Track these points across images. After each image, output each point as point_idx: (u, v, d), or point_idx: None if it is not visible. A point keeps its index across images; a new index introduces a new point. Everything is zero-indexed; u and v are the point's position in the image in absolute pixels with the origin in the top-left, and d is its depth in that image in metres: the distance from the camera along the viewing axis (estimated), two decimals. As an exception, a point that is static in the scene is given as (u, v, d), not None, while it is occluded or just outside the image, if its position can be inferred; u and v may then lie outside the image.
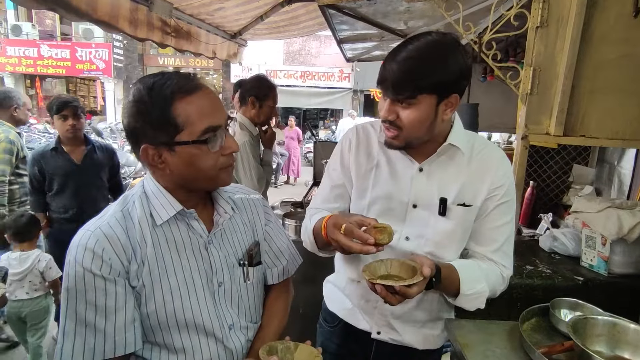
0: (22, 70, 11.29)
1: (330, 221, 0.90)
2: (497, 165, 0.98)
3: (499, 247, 0.99)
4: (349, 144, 1.08)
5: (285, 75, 12.99)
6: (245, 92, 2.12)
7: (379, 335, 1.08)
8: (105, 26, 2.27)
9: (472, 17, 1.96)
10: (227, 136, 0.81)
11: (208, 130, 0.76)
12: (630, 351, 0.77)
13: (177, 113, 0.74)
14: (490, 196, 0.97)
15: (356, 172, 1.06)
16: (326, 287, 1.23)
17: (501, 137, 5.41)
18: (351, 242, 0.83)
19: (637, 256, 1.29)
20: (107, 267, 0.73)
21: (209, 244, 0.85)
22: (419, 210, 1.00)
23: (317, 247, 1.05)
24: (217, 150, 0.78)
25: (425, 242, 1.00)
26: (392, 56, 0.88)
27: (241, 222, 0.94)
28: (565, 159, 2.95)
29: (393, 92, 0.87)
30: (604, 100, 1.59)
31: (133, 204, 0.82)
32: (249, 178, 2.04)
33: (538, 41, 1.58)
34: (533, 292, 1.29)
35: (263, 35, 4.32)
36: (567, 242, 1.49)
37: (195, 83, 0.77)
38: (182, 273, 0.80)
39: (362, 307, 1.10)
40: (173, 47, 3.08)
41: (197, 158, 0.77)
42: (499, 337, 0.87)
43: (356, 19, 2.53)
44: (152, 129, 0.75)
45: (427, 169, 0.99)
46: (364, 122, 1.12)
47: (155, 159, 0.77)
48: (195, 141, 0.75)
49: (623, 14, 1.51)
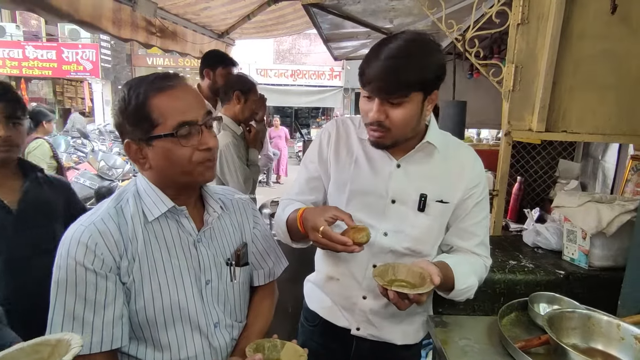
0: (7, 72, 11.08)
1: (308, 220, 0.90)
2: (472, 165, 1.03)
3: (480, 241, 1.05)
4: (328, 137, 1.09)
5: (276, 74, 12.95)
6: (228, 89, 2.11)
7: (358, 332, 1.09)
8: (88, 27, 2.24)
9: (455, 15, 1.98)
10: (204, 132, 0.82)
11: (181, 125, 0.78)
12: (603, 343, 0.79)
13: (152, 109, 0.77)
14: (469, 195, 1.02)
15: (335, 166, 1.07)
16: (306, 286, 1.24)
17: (490, 134, 5.46)
18: (333, 244, 0.85)
19: (616, 249, 1.31)
20: (99, 261, 0.74)
21: (198, 242, 0.86)
22: (397, 205, 1.01)
23: (291, 239, 1.05)
24: (192, 144, 0.80)
25: (404, 237, 1.01)
26: (375, 56, 0.87)
27: (230, 223, 0.95)
28: (552, 154, 2.99)
29: (385, 92, 0.88)
30: (584, 96, 1.61)
31: (127, 201, 0.84)
32: (235, 179, 2.02)
33: (519, 38, 1.60)
34: (515, 286, 1.30)
35: (251, 34, 4.30)
36: (549, 237, 1.51)
37: (172, 81, 0.80)
38: (171, 270, 0.82)
39: (342, 305, 1.11)
40: (158, 47, 3.05)
41: (172, 152, 0.79)
42: (478, 333, 0.88)
43: (341, 18, 2.53)
44: (131, 125, 0.79)
45: (405, 165, 1.02)
46: (343, 117, 1.13)
47: (137, 153, 0.81)
48: (167, 134, 0.77)
49: (601, 11, 1.54)
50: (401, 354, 1.11)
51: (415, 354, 1.15)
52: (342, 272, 1.09)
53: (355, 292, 1.07)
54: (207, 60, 2.44)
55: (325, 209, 0.91)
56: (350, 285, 1.08)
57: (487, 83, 1.77)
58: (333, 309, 1.12)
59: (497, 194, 1.72)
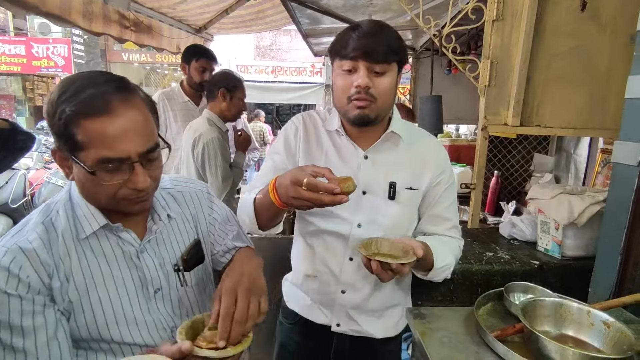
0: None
1: (284, 180, 0.84)
2: (436, 152, 1.07)
3: (453, 225, 1.09)
4: (296, 130, 1.08)
5: (256, 70, 12.79)
6: (213, 86, 2.06)
7: (338, 328, 1.09)
8: (56, 20, 2.15)
9: (433, 11, 2.00)
10: (137, 170, 0.71)
11: (103, 161, 0.68)
12: (574, 329, 0.81)
13: (77, 131, 0.67)
14: (437, 182, 1.05)
15: (306, 160, 1.06)
16: (285, 286, 1.23)
17: (468, 129, 5.56)
18: (320, 195, 0.79)
19: (587, 239, 1.36)
20: (24, 286, 0.68)
21: (141, 252, 0.80)
22: (368, 196, 1.02)
23: (259, 223, 0.99)
24: (116, 182, 0.70)
25: (377, 227, 1.02)
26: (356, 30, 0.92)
27: (181, 221, 0.89)
28: (527, 148, 3.08)
29: (374, 58, 0.91)
30: (556, 91, 1.66)
31: (57, 213, 0.76)
32: (214, 176, 1.98)
33: (494, 34, 1.63)
34: (492, 277, 1.33)
35: (230, 29, 4.23)
36: (524, 228, 1.55)
37: (110, 104, 0.67)
38: (113, 285, 0.77)
39: (321, 301, 1.10)
40: (133, 42, 2.96)
41: (91, 185, 0.71)
42: (455, 324, 0.89)
43: (320, 13, 2.52)
44: (56, 136, 0.70)
45: (372, 156, 1.03)
46: (309, 111, 1.13)
47: (62, 161, 0.73)
48: (84, 168, 0.68)
49: (572, 8, 1.58)
50: (381, 348, 1.11)
51: (396, 348, 1.16)
52: (319, 269, 1.08)
53: (333, 287, 1.07)
54: (183, 56, 2.43)
55: (301, 167, 0.85)
56: (329, 281, 1.08)
57: (465, 79, 1.80)
58: (312, 307, 1.12)
59: (474, 187, 1.76)
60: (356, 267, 1.05)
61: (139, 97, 0.73)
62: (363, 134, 1.03)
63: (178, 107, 2.48)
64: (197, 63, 2.39)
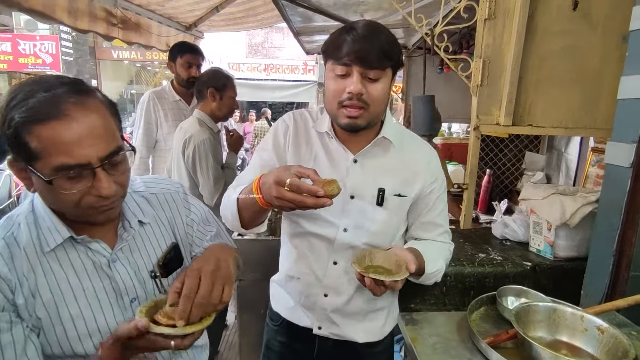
0: (-43, 65, 10.34)
1: (268, 179, 0.81)
2: (428, 160, 1.05)
3: (444, 230, 1.09)
4: (286, 129, 1.05)
5: (249, 68, 12.72)
6: (202, 86, 2.00)
7: (320, 331, 1.08)
8: (40, 16, 2.08)
9: (425, 10, 1.98)
10: (100, 176, 0.66)
11: (61, 169, 0.63)
12: (568, 334, 0.80)
13: (30, 139, 0.62)
14: (430, 190, 1.03)
15: (294, 160, 1.03)
16: (272, 287, 1.21)
17: (460, 127, 5.58)
18: (302, 196, 0.76)
19: (579, 240, 1.35)
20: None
21: (113, 262, 0.77)
22: (356, 201, 1.00)
23: (241, 221, 0.95)
24: (78, 189, 0.66)
25: (363, 233, 1.01)
26: (350, 32, 0.88)
27: (157, 224, 0.85)
28: (519, 147, 3.09)
29: (368, 63, 0.87)
30: (548, 90, 1.65)
31: (19, 226, 0.72)
32: (206, 178, 1.94)
33: (486, 33, 1.62)
34: (485, 279, 1.32)
35: (220, 27, 4.18)
36: (517, 229, 1.54)
37: (59, 108, 0.63)
38: (84, 298, 0.73)
39: (303, 303, 1.09)
40: (121, 39, 2.90)
41: (52, 195, 0.67)
42: (448, 329, 0.88)
43: (311, 11, 2.49)
44: (9, 146, 0.65)
45: (362, 160, 1.01)
46: (300, 110, 1.10)
47: (20, 173, 0.68)
48: (42, 178, 0.63)
49: (563, 7, 1.57)
50: (365, 352, 1.09)
51: (382, 352, 1.13)
52: (303, 271, 1.07)
53: (316, 289, 1.06)
54: (169, 55, 2.38)
55: (286, 167, 0.82)
56: (311, 283, 1.06)
57: (457, 78, 1.78)
58: (295, 309, 1.11)
59: (466, 187, 1.75)
60: (340, 272, 1.04)
61: (96, 98, 0.69)
62: (353, 138, 1.00)
63: (169, 107, 2.43)
64: (182, 59, 2.34)
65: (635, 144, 0.98)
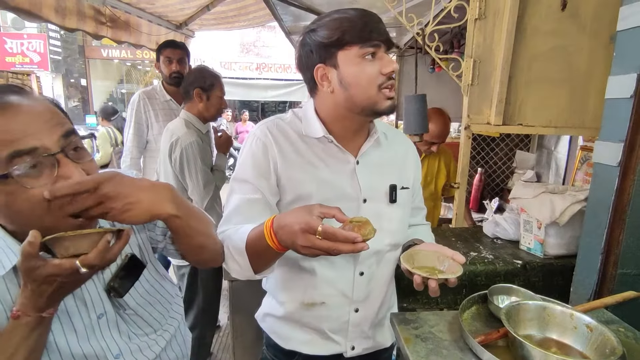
0: (-58, 63, 10.12)
1: (292, 227, 0.72)
2: (411, 146, 1.08)
3: (425, 212, 1.17)
4: (264, 149, 0.91)
5: (241, 67, 12.65)
6: (188, 86, 1.94)
7: (353, 351, 1.01)
8: (26, 15, 2.05)
9: (416, 9, 1.98)
10: (63, 162, 0.59)
11: (14, 155, 0.56)
12: (558, 332, 0.81)
13: None
14: (416, 176, 1.08)
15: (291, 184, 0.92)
16: (267, 323, 1.06)
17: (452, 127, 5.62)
18: (337, 244, 0.70)
19: (568, 237, 1.37)
20: None
21: None
22: (369, 203, 0.95)
23: (254, 269, 0.84)
24: (43, 184, 0.57)
25: (385, 235, 0.95)
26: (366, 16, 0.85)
27: None
28: (510, 146, 3.12)
29: (389, 44, 0.88)
30: (538, 90, 1.67)
31: None
32: (194, 182, 1.89)
33: (477, 33, 1.63)
34: (477, 278, 1.33)
35: (211, 25, 4.15)
36: (507, 227, 1.56)
37: (1, 99, 0.58)
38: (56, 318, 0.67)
39: (331, 328, 0.99)
40: (110, 38, 2.87)
41: (15, 199, 0.57)
42: (440, 329, 0.88)
43: (303, 10, 2.48)
44: None
45: (363, 161, 0.96)
46: (266, 123, 0.96)
47: None
48: None
49: (552, 7, 1.58)
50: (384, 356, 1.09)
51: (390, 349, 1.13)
52: (328, 293, 0.96)
53: (345, 308, 0.98)
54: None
55: (308, 208, 0.74)
56: (340, 303, 0.97)
57: (448, 77, 1.79)
58: (320, 338, 0.99)
59: (458, 186, 1.76)
60: (367, 281, 0.97)
61: (36, 95, 0.64)
62: (349, 138, 0.94)
63: (159, 107, 2.40)
64: (162, 56, 2.31)
65: (622, 143, 1.00)
